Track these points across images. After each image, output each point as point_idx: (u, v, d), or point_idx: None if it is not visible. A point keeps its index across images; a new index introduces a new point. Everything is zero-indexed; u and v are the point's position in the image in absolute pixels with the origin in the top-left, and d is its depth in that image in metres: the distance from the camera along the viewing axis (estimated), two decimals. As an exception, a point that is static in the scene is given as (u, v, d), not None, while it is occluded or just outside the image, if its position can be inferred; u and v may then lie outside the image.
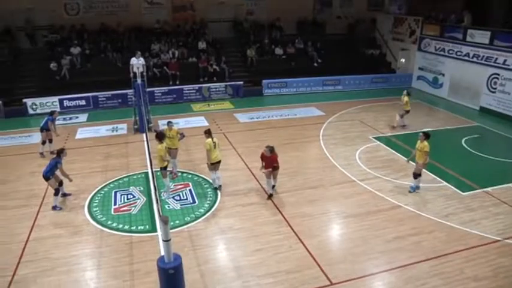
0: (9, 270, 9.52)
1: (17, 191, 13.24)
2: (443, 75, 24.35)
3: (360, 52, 28.09)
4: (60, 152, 12.37)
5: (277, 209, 11.83)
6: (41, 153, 15.95)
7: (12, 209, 12.19)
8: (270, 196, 12.42)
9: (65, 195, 12.60)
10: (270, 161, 12.00)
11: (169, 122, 13.79)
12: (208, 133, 12.77)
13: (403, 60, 23.12)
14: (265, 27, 28.00)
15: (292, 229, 10.90)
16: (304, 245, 10.24)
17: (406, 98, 18.24)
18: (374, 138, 17.34)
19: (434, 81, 25.03)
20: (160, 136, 12.39)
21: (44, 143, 16.04)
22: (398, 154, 15.63)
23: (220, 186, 13.08)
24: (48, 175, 11.98)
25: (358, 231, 10.85)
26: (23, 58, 24.43)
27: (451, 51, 23.59)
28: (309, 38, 27.43)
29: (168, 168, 12.60)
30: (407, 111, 18.41)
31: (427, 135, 12.51)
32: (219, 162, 12.81)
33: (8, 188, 13.53)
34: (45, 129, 15.88)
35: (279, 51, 26.64)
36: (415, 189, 12.87)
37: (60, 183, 12.36)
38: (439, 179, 13.73)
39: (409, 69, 26.86)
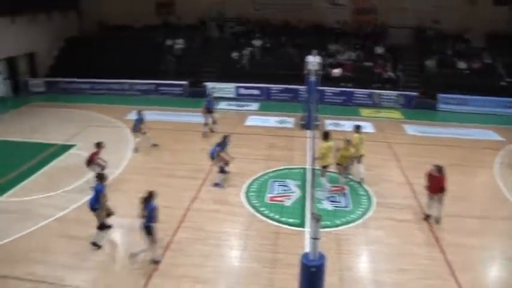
0: (170, 230, 10.70)
1: (186, 164, 14.73)
2: None
3: None
4: (225, 138, 13.43)
5: (432, 232, 11.03)
6: (204, 133, 17.51)
7: (179, 178, 13.63)
8: (427, 217, 11.64)
9: (224, 172, 13.36)
10: (437, 182, 11.18)
11: (358, 126, 13.66)
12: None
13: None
14: (450, 37, 26.16)
15: (445, 257, 10.07)
16: (455, 277, 9.38)
17: None
18: (562, 175, 15.02)
19: None
20: (326, 135, 12.57)
21: (206, 124, 17.55)
22: None
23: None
24: (213, 156, 13.13)
25: (522, 278, 9.56)
26: (210, 45, 26.90)
27: None
28: (499, 53, 24.84)
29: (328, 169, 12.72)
30: None
31: None
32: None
33: (180, 159, 15.12)
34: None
35: (462, 64, 24.66)
36: None
37: (226, 163, 13.30)
38: None
39: None
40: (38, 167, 14.52)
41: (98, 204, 9.93)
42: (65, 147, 16.27)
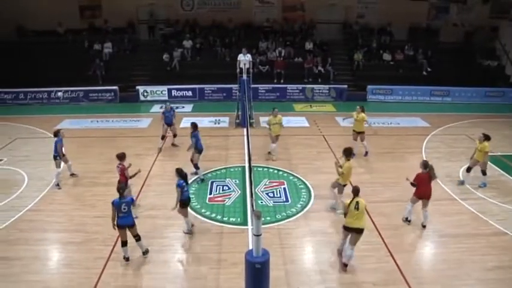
0: (111, 240, 10.34)
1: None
2: None
3: (475, 63, 26.22)
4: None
5: (370, 218, 11.40)
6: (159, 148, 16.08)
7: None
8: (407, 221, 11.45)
9: None
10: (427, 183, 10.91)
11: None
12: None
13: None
14: (375, 31, 27.27)
15: (383, 240, 10.53)
16: (393, 258, 9.84)
17: (362, 115, 15.48)
18: (482, 156, 16.04)
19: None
20: (349, 152, 11.63)
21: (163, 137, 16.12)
22: (509, 176, 14.41)
23: None
24: None
25: (453, 253, 10.16)
26: (140, 49, 26.31)
27: None
28: (420, 45, 26.24)
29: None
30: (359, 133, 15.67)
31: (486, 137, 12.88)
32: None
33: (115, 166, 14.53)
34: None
35: (387, 56, 25.82)
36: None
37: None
38: None
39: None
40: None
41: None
42: (-10, 163, 15.18)
